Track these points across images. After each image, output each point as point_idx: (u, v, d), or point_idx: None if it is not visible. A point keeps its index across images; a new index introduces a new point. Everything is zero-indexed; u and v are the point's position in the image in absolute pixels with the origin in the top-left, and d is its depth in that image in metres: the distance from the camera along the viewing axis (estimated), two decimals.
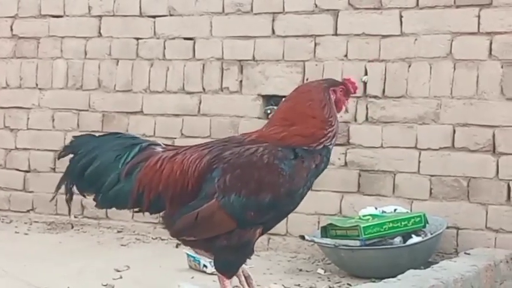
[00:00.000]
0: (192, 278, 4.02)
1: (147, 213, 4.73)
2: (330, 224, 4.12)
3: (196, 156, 2.65)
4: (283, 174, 2.56)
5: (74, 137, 2.92)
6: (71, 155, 2.79)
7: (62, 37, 5.55)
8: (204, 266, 4.07)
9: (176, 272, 4.15)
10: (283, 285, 3.73)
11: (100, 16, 5.43)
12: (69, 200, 2.83)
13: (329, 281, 4.02)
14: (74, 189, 2.80)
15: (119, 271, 4.13)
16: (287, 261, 4.58)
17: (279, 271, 4.29)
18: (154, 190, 2.66)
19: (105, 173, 2.70)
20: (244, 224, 2.57)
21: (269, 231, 2.69)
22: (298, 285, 3.88)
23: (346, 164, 4.67)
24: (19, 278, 3.89)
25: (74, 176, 2.75)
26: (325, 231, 4.10)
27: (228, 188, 2.57)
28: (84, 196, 2.85)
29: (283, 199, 2.58)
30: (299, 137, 2.61)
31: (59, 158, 2.91)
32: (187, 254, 4.18)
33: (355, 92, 2.84)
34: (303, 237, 4.16)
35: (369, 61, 4.63)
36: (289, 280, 3.98)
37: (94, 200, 2.78)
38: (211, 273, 4.06)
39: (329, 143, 2.64)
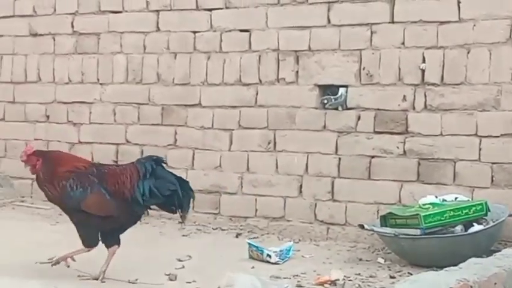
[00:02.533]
0: (253, 267, 4.07)
1: (206, 204, 4.99)
2: (390, 213, 4.10)
3: None
4: None
5: None
6: None
7: (121, 32, 5.67)
8: (268, 255, 4.12)
9: (237, 262, 4.20)
10: (344, 274, 3.74)
11: (158, 11, 5.52)
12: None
13: (389, 270, 4.01)
14: None
15: (181, 261, 4.21)
16: (346, 250, 4.60)
17: (339, 260, 4.31)
18: None
19: None
20: None
21: (329, 221, 2.89)
22: (359, 274, 3.89)
23: (404, 152, 4.64)
24: (84, 270, 3.99)
25: None
26: (385, 220, 4.09)
27: None
28: None
29: None
30: None
31: None
32: (249, 244, 4.24)
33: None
34: (362, 227, 4.16)
35: (427, 48, 4.58)
36: (349, 269, 3.99)
37: None
38: (275, 263, 4.13)
39: None
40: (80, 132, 5.85)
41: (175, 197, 3.78)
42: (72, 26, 5.86)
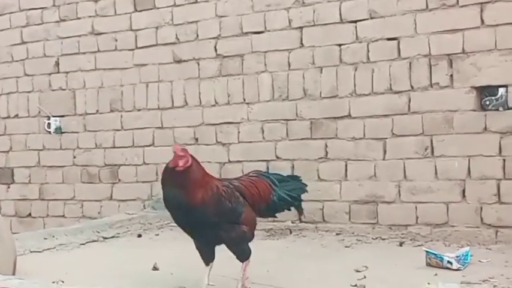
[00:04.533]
0: (436, 274, 4.03)
1: (363, 214, 5.01)
2: None
3: None
4: None
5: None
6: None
7: (265, 52, 5.79)
8: (449, 262, 4.08)
9: (416, 270, 4.18)
10: None
11: (301, 27, 5.61)
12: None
13: None
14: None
15: (358, 271, 4.23)
16: None
17: None
18: None
19: None
20: None
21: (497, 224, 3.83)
22: None
23: None
24: (265, 283, 4.08)
25: None
26: None
27: None
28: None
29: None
30: None
31: None
32: (427, 252, 4.22)
33: (176, 152, 3.62)
34: None
35: None
36: None
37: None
38: (457, 269, 4.09)
39: None
40: (230, 152, 6.00)
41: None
42: (216, 50, 6.04)
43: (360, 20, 5.34)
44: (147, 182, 6.41)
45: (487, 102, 4.78)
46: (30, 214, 7.06)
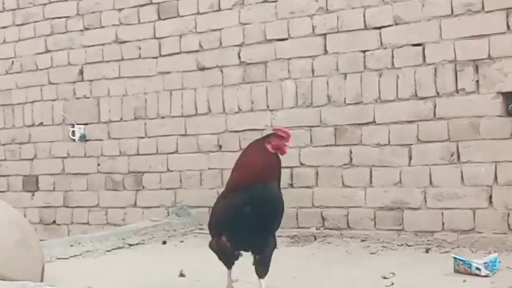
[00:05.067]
0: (464, 281, 4.01)
1: (389, 221, 4.93)
2: None
3: None
4: (216, 206, 3.64)
5: None
6: None
7: (289, 59, 5.80)
8: (477, 268, 4.05)
9: (444, 276, 4.16)
10: None
11: (324, 34, 5.61)
12: None
13: None
14: None
15: (386, 278, 4.21)
16: None
17: None
18: None
19: None
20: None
21: None
22: None
23: None
24: None
25: None
26: None
27: None
28: None
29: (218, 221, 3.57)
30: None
31: None
32: (455, 258, 4.19)
33: (286, 135, 3.38)
34: None
35: None
36: None
37: None
38: (485, 276, 4.06)
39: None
40: None
41: None
42: (239, 57, 6.06)
43: (385, 26, 5.33)
44: (171, 189, 6.43)
45: None
46: (54, 221, 7.11)
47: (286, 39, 5.81)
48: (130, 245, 5.66)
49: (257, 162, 3.40)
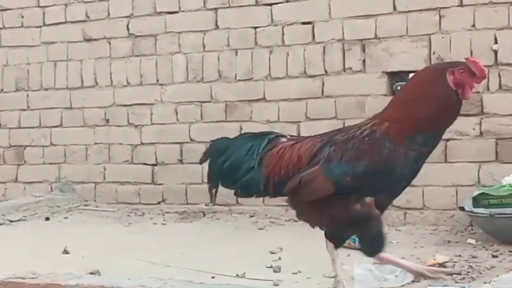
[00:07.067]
0: (348, 255, 4.11)
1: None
2: (482, 193, 4.16)
3: (312, 143, 2.98)
4: (380, 152, 2.78)
5: (211, 141, 3.21)
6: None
7: (179, 32, 5.70)
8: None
9: None
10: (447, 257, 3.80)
11: (216, 9, 5.56)
12: (214, 195, 3.18)
13: (486, 250, 4.06)
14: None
15: (273, 253, 4.27)
16: (429, 234, 4.65)
17: (428, 243, 4.37)
18: (277, 174, 3.00)
19: (239, 165, 3.05)
20: (340, 188, 2.83)
21: (406, 206, 3.65)
22: (459, 255, 3.93)
23: (481, 133, 4.70)
24: (182, 266, 4.04)
25: (216, 174, 3.10)
26: (477, 201, 4.14)
27: (331, 157, 2.88)
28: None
29: (379, 173, 2.77)
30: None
31: (200, 163, 3.23)
32: None
33: (480, 74, 2.68)
34: (462, 209, 4.22)
35: (498, 29, 4.63)
36: (446, 252, 4.04)
37: (234, 191, 3.13)
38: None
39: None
40: (142, 134, 5.89)
41: None
42: (128, 29, 5.89)
43: (276, 3, 5.34)
44: (55, 164, 6.20)
45: (398, 88, 4.90)
46: None
47: (176, 12, 5.70)
48: (12, 221, 5.45)
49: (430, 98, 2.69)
